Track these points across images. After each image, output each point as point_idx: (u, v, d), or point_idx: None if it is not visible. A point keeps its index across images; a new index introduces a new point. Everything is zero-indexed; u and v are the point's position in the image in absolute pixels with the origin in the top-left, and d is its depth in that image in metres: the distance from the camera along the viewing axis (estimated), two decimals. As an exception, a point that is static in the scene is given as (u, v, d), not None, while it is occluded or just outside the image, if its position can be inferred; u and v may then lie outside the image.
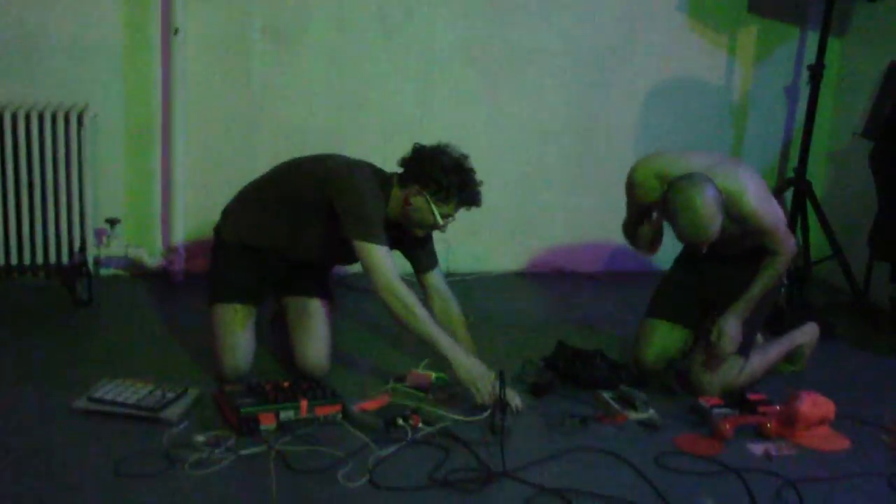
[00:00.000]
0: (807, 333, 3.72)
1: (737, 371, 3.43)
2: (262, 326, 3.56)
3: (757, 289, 3.44)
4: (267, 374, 3.34)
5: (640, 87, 4.87)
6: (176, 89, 4.21)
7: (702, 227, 3.18)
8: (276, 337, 3.65)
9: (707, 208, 3.15)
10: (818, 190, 4.80)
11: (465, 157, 3.35)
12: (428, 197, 3.25)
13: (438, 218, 3.27)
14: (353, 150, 4.35)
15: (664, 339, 3.63)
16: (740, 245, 3.45)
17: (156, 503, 2.55)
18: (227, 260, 3.48)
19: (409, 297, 3.19)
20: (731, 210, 3.26)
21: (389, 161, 4.64)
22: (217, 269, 3.52)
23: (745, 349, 3.47)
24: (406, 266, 3.49)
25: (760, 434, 3.16)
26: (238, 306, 3.38)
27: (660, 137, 4.93)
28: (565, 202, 4.94)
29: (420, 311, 3.19)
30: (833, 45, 4.79)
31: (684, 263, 3.73)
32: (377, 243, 3.19)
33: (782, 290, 3.63)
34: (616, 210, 4.99)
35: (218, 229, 3.52)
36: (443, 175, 3.25)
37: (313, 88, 4.48)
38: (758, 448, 3.08)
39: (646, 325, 3.67)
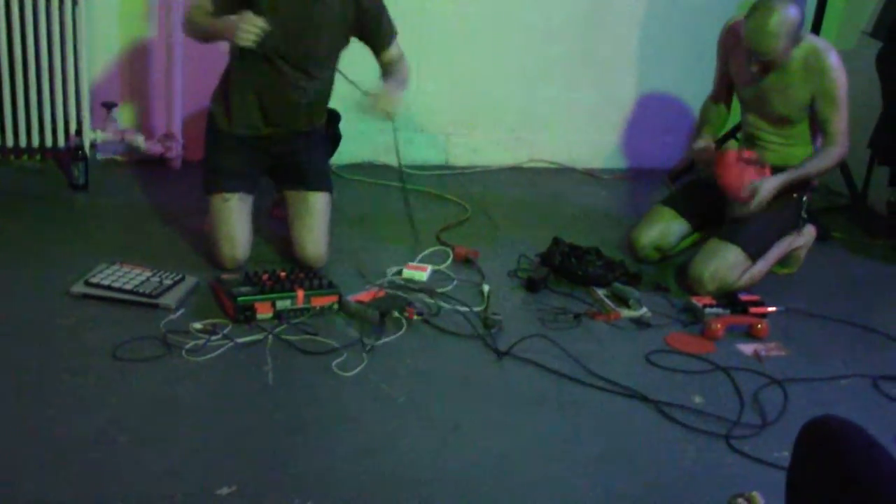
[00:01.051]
0: (804, 236, 3.73)
1: (738, 272, 3.45)
2: (261, 215, 3.56)
3: (803, 167, 3.53)
4: (265, 263, 3.35)
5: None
6: (172, -32, 4.12)
7: (767, 33, 3.30)
8: (276, 227, 3.66)
9: (780, 19, 3.28)
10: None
11: None
12: None
13: None
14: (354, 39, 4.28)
15: (664, 225, 3.72)
16: (796, 112, 3.52)
17: (153, 388, 2.59)
18: (218, 147, 3.47)
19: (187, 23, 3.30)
20: (811, 62, 3.42)
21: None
22: (210, 157, 3.51)
23: (755, 254, 3.48)
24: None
25: (751, 334, 3.20)
26: (231, 195, 3.38)
27: (665, 34, 4.85)
28: (565, 97, 4.88)
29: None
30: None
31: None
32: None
33: (802, 213, 3.63)
34: (617, 105, 4.98)
35: (210, 115, 3.50)
36: None
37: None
38: (748, 348, 3.12)
39: (652, 209, 3.80)
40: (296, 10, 3.26)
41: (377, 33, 3.44)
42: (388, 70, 3.52)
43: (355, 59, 3.57)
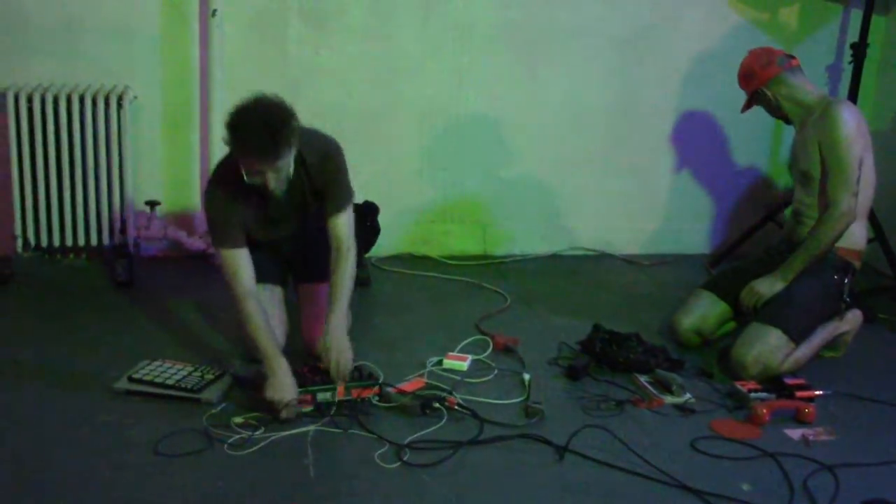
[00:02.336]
0: (850, 321, 3.68)
1: (781, 356, 3.40)
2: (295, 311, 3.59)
3: (801, 251, 3.53)
4: (305, 357, 3.36)
5: (678, 66, 4.82)
6: (213, 71, 4.23)
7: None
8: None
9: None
10: (860, 171, 4.73)
11: (252, 102, 3.06)
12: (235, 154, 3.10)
13: (245, 175, 3.08)
14: (390, 130, 4.39)
15: (705, 309, 3.70)
16: (815, 166, 3.56)
17: (194, 483, 2.58)
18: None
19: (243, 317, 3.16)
20: (823, 112, 3.52)
21: (426, 145, 4.69)
22: None
23: (798, 337, 3.44)
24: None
25: (798, 419, 3.14)
26: (258, 285, 3.40)
27: (697, 119, 4.89)
28: (601, 184, 4.91)
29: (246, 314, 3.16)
30: (877, 23, 4.71)
31: (758, 259, 3.79)
32: (220, 247, 3.21)
33: (845, 296, 3.61)
34: (652, 192, 5.00)
35: None
36: (227, 131, 3.04)
37: (350, 69, 4.48)
38: (795, 433, 3.06)
39: (693, 294, 3.80)
40: (267, 217, 3.30)
41: (330, 198, 3.31)
42: (334, 261, 3.31)
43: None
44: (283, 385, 2.97)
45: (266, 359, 3.05)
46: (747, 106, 3.81)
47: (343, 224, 3.31)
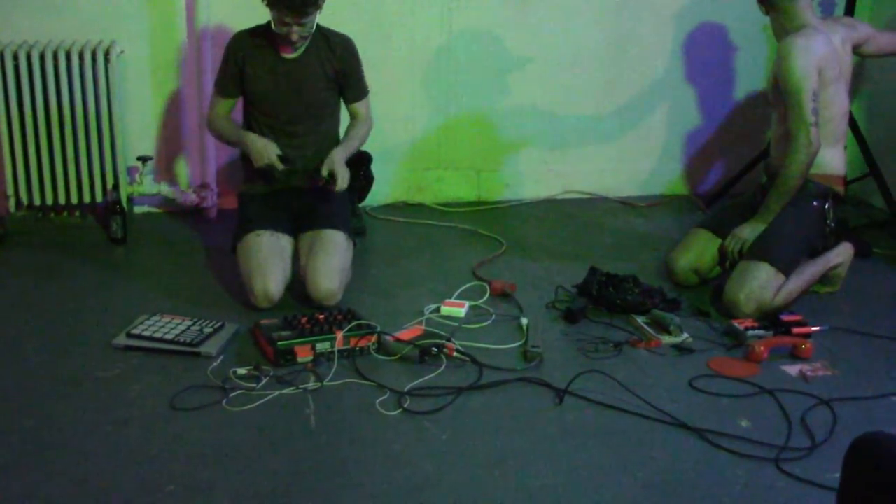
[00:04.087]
0: (841, 254, 3.69)
1: (773, 290, 3.42)
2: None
3: (773, 192, 3.54)
4: (303, 308, 3.37)
5: (669, 3, 4.76)
6: (200, 22, 4.18)
7: None
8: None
9: None
10: (853, 106, 4.71)
11: None
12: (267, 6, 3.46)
13: (275, 26, 3.47)
14: (383, 80, 4.34)
15: (702, 247, 3.72)
16: (772, 92, 3.60)
17: (198, 436, 2.60)
18: (245, 205, 3.68)
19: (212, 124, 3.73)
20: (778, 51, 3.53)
21: (419, 91, 4.66)
22: (239, 215, 3.67)
23: (785, 268, 3.45)
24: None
25: (795, 355, 3.15)
26: (263, 231, 3.45)
27: (692, 56, 4.85)
28: (595, 126, 4.89)
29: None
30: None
31: (751, 197, 3.79)
32: (214, 87, 3.72)
33: (829, 222, 3.60)
34: (646, 133, 4.97)
35: (239, 189, 3.77)
36: None
37: (338, 17, 4.40)
38: (793, 369, 3.08)
39: (689, 233, 3.81)
40: (277, 76, 3.58)
41: (350, 87, 3.73)
42: (350, 125, 3.78)
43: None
44: (264, 147, 3.51)
45: (239, 141, 3.62)
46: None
47: (362, 107, 3.77)
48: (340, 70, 3.65)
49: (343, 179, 3.50)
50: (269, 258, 3.38)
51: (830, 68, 3.51)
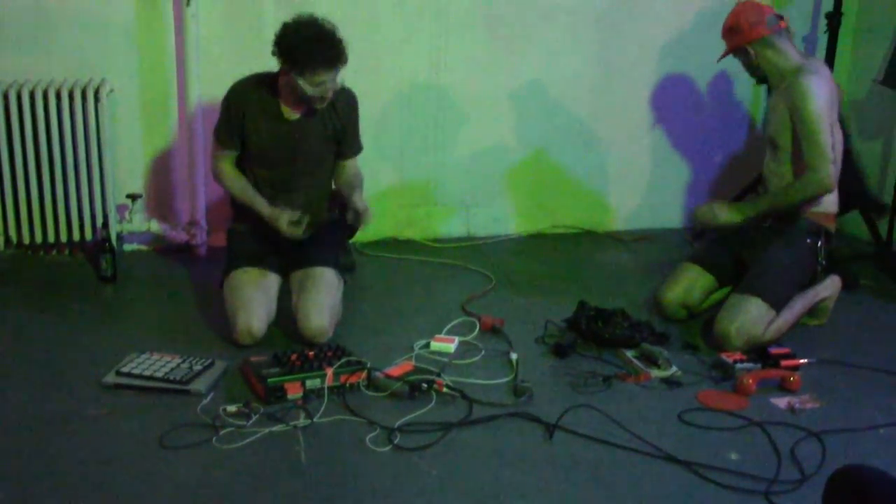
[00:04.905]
0: (829, 287, 3.71)
1: (763, 325, 3.44)
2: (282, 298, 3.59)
3: (768, 196, 3.63)
4: (293, 344, 3.37)
5: (655, 39, 4.82)
6: (190, 60, 4.21)
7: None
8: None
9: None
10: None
11: (314, 21, 3.37)
12: (288, 70, 3.37)
13: (305, 88, 3.37)
14: (370, 113, 4.38)
15: (690, 281, 3.73)
16: (782, 133, 3.61)
17: (187, 475, 2.59)
18: (233, 243, 3.69)
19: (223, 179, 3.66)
20: (791, 80, 3.55)
21: (407, 127, 4.69)
22: (227, 253, 3.67)
23: (777, 303, 3.47)
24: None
25: (784, 388, 3.17)
26: (249, 268, 3.46)
27: (677, 92, 4.90)
28: (582, 162, 4.92)
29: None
30: (851, -8, 4.73)
31: (738, 230, 3.80)
32: (213, 138, 3.65)
33: (821, 259, 3.64)
34: (636, 168, 5.01)
35: (228, 225, 3.79)
36: (283, 44, 3.35)
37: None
38: (781, 402, 3.09)
39: (677, 267, 3.81)
40: (278, 134, 3.55)
41: (346, 143, 3.71)
42: (345, 179, 3.73)
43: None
44: (282, 215, 3.47)
45: (251, 206, 3.55)
46: (723, 57, 3.82)
47: (353, 164, 3.74)
48: (341, 128, 3.64)
49: (369, 214, 3.57)
50: (253, 295, 3.39)
51: (834, 109, 3.57)
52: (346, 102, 3.62)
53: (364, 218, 3.57)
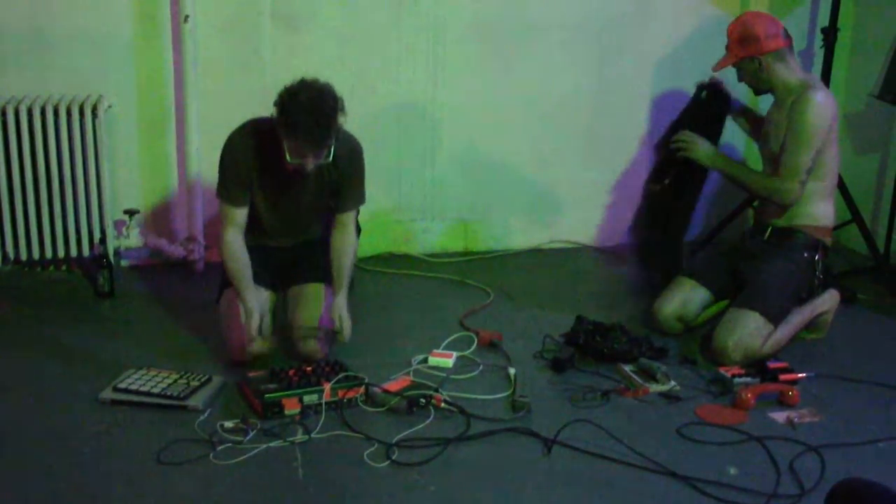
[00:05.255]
0: (828, 301, 3.72)
1: (761, 339, 3.43)
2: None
3: (744, 168, 3.72)
4: (289, 360, 3.36)
5: (651, 54, 4.84)
6: (188, 76, 4.22)
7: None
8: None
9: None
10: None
11: (318, 93, 3.16)
12: (278, 127, 3.20)
13: (287, 154, 3.19)
14: (367, 129, 4.38)
15: (685, 295, 3.73)
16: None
17: (185, 491, 2.59)
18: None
19: (224, 252, 3.39)
20: (798, 95, 3.55)
21: (405, 142, 4.69)
22: (222, 271, 3.56)
23: (775, 318, 3.48)
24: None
25: (782, 402, 3.16)
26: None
27: (675, 107, 4.90)
28: (579, 176, 4.93)
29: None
30: (846, 6, 4.74)
31: (734, 245, 3.87)
32: (220, 198, 3.39)
33: (818, 273, 3.64)
34: (630, 182, 5.01)
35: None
36: (280, 101, 3.17)
37: (325, 71, 4.43)
38: (780, 416, 3.08)
39: (673, 281, 3.79)
40: (278, 193, 3.43)
41: (346, 197, 3.48)
42: (335, 244, 3.50)
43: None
44: (252, 319, 3.28)
45: (243, 300, 3.32)
46: (724, 65, 3.75)
47: (351, 220, 3.51)
48: (341, 183, 3.44)
49: (348, 329, 3.37)
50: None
51: (835, 127, 3.58)
52: (348, 159, 3.41)
53: (342, 333, 3.37)
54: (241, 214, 3.38)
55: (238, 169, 3.36)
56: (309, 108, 3.10)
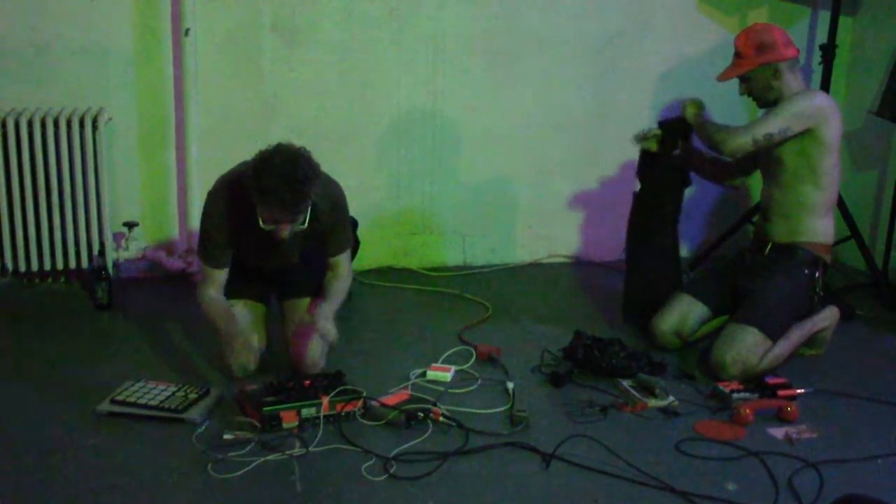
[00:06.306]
0: (827, 318, 3.72)
1: (760, 355, 3.43)
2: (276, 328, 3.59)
3: (716, 127, 3.68)
4: (291, 374, 3.36)
5: (650, 71, 4.85)
6: (188, 90, 4.23)
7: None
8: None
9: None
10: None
11: (280, 150, 3.11)
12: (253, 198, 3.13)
13: (260, 220, 3.15)
14: (367, 143, 4.41)
15: (683, 310, 3.72)
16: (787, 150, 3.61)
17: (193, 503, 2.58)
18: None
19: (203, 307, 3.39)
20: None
21: (404, 155, 4.70)
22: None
23: (774, 333, 3.48)
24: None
25: (781, 418, 3.16)
26: (237, 301, 3.45)
27: (673, 123, 4.92)
28: (578, 191, 4.93)
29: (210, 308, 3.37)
30: (844, 24, 4.76)
31: (732, 261, 3.86)
32: (200, 259, 3.41)
33: (817, 289, 3.65)
34: (628, 197, 5.01)
35: None
36: (252, 170, 3.09)
37: (324, 84, 4.49)
38: (778, 432, 3.08)
39: (672, 297, 3.78)
40: (259, 247, 3.36)
41: (332, 243, 3.44)
42: (329, 278, 3.48)
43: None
44: (235, 345, 3.28)
45: (222, 329, 3.32)
46: (735, 75, 3.69)
47: (343, 261, 3.47)
48: (323, 230, 3.38)
49: (330, 334, 3.27)
50: (244, 328, 3.37)
51: (837, 137, 3.58)
52: (329, 213, 3.35)
53: (326, 339, 3.29)
54: (221, 275, 3.38)
55: (214, 235, 3.34)
56: (282, 174, 3.03)
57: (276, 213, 3.10)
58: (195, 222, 4.35)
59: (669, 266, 3.93)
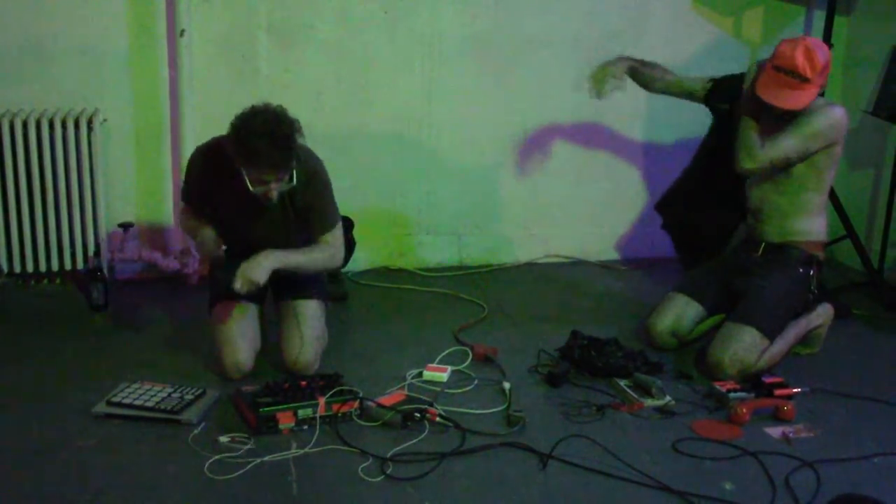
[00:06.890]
0: (821, 315, 3.72)
1: (757, 354, 3.44)
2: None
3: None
4: (281, 374, 3.36)
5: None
6: (184, 91, 4.23)
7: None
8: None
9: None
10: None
11: (271, 118, 3.10)
12: (236, 159, 3.15)
13: (249, 184, 3.16)
14: (362, 144, 4.40)
15: (678, 310, 3.72)
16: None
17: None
18: (216, 275, 3.57)
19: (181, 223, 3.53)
20: (814, 110, 3.47)
21: (400, 156, 4.70)
22: (212, 277, 3.60)
23: (771, 332, 3.48)
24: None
25: (778, 417, 3.16)
26: (228, 302, 3.43)
27: (668, 124, 4.92)
28: (574, 191, 4.94)
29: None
30: (839, 23, 4.77)
31: (725, 260, 3.84)
32: (183, 200, 3.49)
33: (812, 287, 3.65)
34: (624, 197, 5.02)
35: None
36: (235, 133, 3.10)
37: (320, 85, 4.49)
38: (775, 431, 3.08)
39: (667, 296, 3.79)
40: (241, 209, 3.35)
41: (314, 221, 3.40)
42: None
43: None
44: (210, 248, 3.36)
45: (197, 235, 3.39)
46: (809, 100, 3.46)
47: (331, 238, 3.42)
48: (303, 206, 3.36)
49: (242, 282, 3.19)
50: (237, 329, 3.37)
51: (840, 150, 3.57)
52: (306, 182, 3.31)
53: (242, 270, 3.21)
54: (195, 212, 3.45)
55: (195, 181, 3.41)
56: (266, 132, 3.04)
57: (264, 172, 3.10)
58: (191, 223, 4.36)
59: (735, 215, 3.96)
